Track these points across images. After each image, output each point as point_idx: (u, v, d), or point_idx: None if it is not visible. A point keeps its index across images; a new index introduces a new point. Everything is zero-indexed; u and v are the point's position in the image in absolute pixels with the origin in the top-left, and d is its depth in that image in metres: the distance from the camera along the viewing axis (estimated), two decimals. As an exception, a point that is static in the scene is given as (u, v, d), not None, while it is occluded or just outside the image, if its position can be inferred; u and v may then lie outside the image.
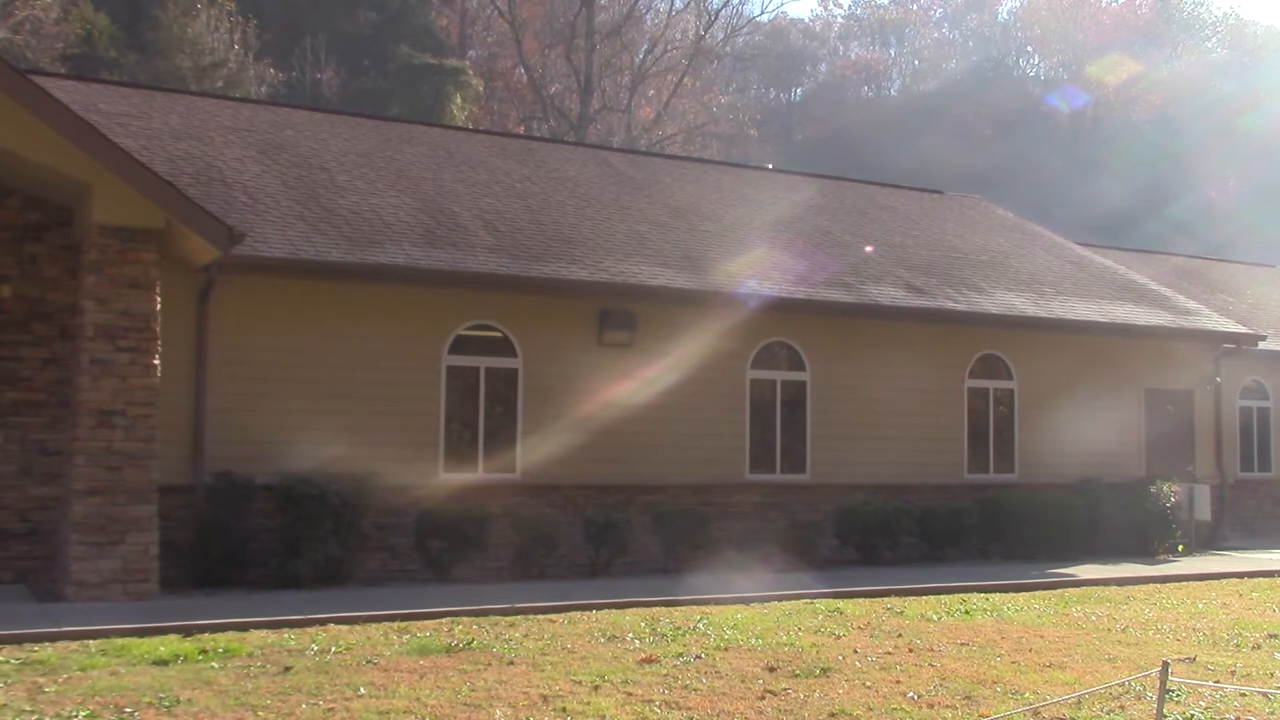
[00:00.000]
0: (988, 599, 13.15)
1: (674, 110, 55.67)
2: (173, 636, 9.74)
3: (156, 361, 12.33)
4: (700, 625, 10.82)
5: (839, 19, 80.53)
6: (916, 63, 77.30)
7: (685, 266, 16.97)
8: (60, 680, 8.06)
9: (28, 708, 7.25)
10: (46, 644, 9.39)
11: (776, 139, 65.80)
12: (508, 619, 11.08)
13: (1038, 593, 13.92)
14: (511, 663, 8.94)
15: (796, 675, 8.68)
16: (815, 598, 12.83)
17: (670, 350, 16.33)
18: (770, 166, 30.33)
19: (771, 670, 8.85)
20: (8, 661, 8.65)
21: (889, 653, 9.72)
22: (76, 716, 7.07)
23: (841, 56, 78.21)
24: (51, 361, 13.00)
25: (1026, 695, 8.21)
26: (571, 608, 11.74)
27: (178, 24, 38.26)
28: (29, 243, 13.06)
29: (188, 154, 16.12)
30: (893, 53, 78.46)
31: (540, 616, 11.26)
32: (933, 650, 9.89)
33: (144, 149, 15.35)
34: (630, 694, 7.96)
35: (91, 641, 9.51)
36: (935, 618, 11.70)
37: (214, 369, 13.65)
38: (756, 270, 17.52)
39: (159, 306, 12.42)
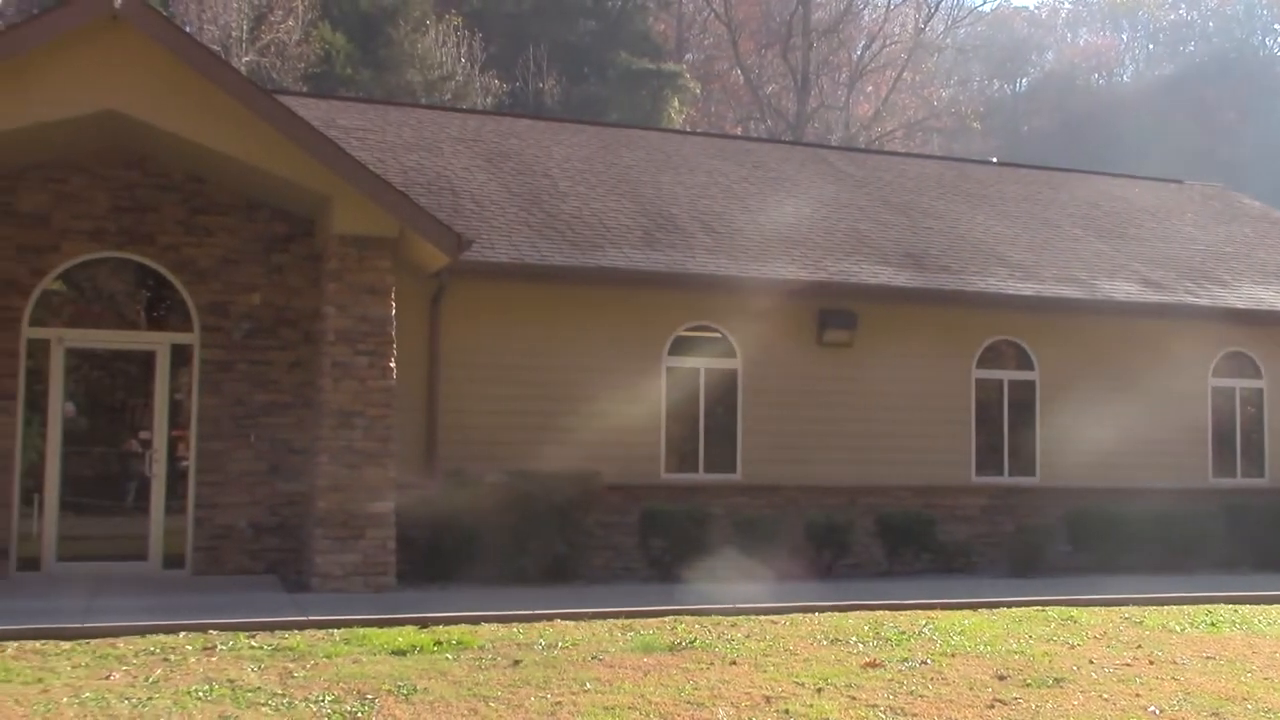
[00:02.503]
0: (1236, 611, 12.42)
1: (893, 106, 54.69)
2: (409, 628, 10.15)
3: (392, 364, 12.88)
4: (926, 630, 10.60)
5: (1066, 5, 77.55)
6: (1151, 47, 73.74)
7: (906, 264, 16.66)
8: (308, 666, 8.51)
9: (279, 691, 7.69)
10: (295, 631, 9.93)
11: (1001, 132, 63.79)
12: (730, 619, 11.10)
13: (1292, 605, 13.06)
14: (734, 663, 8.96)
15: (1028, 684, 8.40)
16: (1047, 604, 12.38)
17: (892, 349, 16.07)
18: (995, 160, 29.45)
19: (1001, 678, 8.59)
20: (261, 647, 9.19)
21: (1127, 664, 9.29)
22: (323, 701, 7.44)
23: (1070, 44, 75.29)
24: (297, 365, 13.74)
25: (1281, 713, 7.72)
26: (793, 609, 11.67)
27: (409, 40, 39.87)
28: (276, 253, 13.84)
29: (419, 165, 16.80)
30: (1125, 37, 75.06)
31: (762, 617, 11.23)
32: (1175, 663, 9.40)
33: (379, 161, 16.08)
34: (854, 698, 7.86)
35: (335, 630, 10.01)
36: (1178, 629, 11.12)
37: (445, 371, 14.18)
38: (980, 266, 17.06)
39: (394, 311, 12.98)
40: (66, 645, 9.15)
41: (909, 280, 16.09)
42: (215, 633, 9.72)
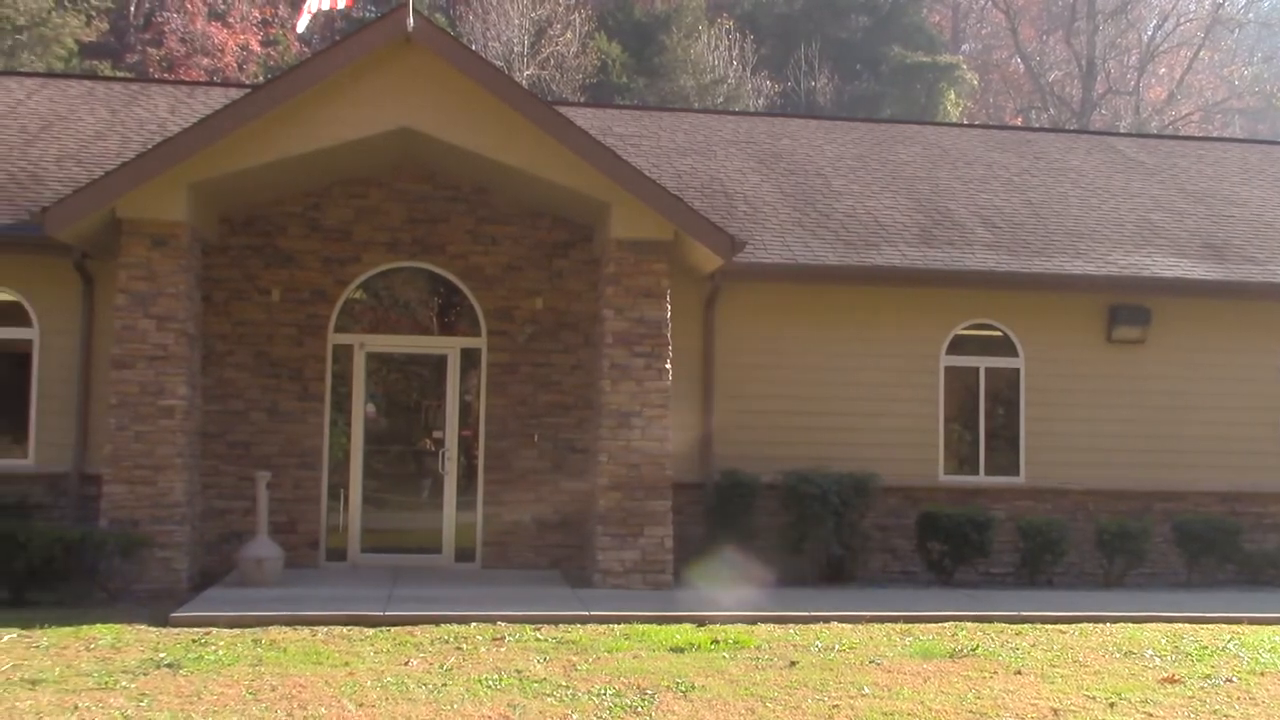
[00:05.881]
0: None
1: (1188, 88, 51.49)
2: (687, 626, 10.30)
3: (668, 366, 13.09)
4: (1230, 646, 9.94)
5: (1389, -32, 70.92)
6: None
7: (1205, 256, 15.67)
8: (590, 659, 8.76)
9: (563, 683, 7.96)
10: (578, 625, 10.26)
11: (1313, 109, 58.94)
12: (1014, 627, 10.74)
13: None
14: (1019, 672, 8.66)
15: (1349, 708, 7.75)
16: (1371, 623, 11.40)
17: (1189, 346, 15.15)
18: (1305, 140, 27.29)
19: (1318, 701, 7.96)
20: (546, 640, 9.54)
21: None
22: (605, 694, 7.66)
23: (1393, 10, 68.84)
24: (578, 367, 14.17)
25: None
26: (1082, 619, 11.19)
27: (681, 46, 40.50)
28: (556, 259, 14.32)
29: (693, 169, 17.02)
30: None
31: (1049, 626, 10.83)
32: None
33: (654, 167, 16.39)
34: (1150, 715, 7.46)
35: (616, 626, 10.27)
36: None
37: (720, 372, 14.30)
38: (1291, 256, 15.84)
39: (669, 313, 13.19)
40: (370, 631, 9.77)
41: (1208, 272, 15.13)
42: (503, 624, 10.16)
